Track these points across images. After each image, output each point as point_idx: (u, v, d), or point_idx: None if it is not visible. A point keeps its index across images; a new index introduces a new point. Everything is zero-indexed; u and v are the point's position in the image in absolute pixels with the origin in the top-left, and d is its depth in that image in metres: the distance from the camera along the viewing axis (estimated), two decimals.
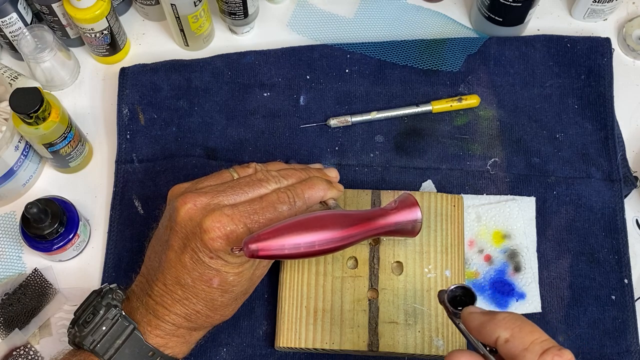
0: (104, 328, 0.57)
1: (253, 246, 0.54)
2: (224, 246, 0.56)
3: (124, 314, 0.58)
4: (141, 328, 0.58)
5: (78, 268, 0.73)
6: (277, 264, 0.68)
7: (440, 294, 0.53)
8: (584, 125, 0.77)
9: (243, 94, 0.78)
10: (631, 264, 0.71)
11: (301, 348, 0.65)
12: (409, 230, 0.62)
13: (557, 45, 0.80)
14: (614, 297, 0.70)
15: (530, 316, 0.69)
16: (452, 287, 0.53)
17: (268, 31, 0.83)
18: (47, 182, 0.77)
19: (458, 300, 0.52)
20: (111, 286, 0.60)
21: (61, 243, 0.69)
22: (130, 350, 0.57)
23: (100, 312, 0.57)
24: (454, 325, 0.65)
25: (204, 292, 0.58)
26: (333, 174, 0.67)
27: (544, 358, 0.44)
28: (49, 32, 0.74)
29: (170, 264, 0.58)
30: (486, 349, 0.48)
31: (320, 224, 0.57)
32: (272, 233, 0.55)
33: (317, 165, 0.69)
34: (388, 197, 0.70)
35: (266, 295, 0.70)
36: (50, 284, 0.71)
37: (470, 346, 0.52)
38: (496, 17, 0.78)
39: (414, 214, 0.62)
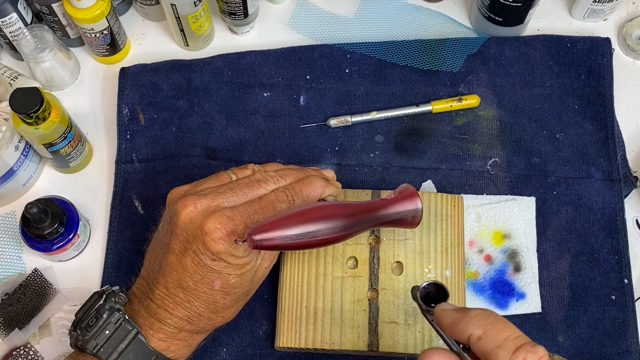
0: (107, 332, 0.57)
1: (257, 237, 0.54)
2: (225, 248, 0.56)
3: (127, 318, 0.58)
4: (143, 332, 0.58)
5: (78, 268, 0.73)
6: (277, 264, 0.68)
7: (413, 290, 0.53)
8: (584, 125, 0.77)
9: (243, 94, 0.78)
10: (631, 264, 0.71)
11: (301, 348, 0.65)
12: (410, 221, 0.63)
13: (557, 45, 0.80)
14: (614, 297, 0.70)
15: (530, 316, 0.69)
16: (425, 283, 0.52)
17: (268, 31, 0.83)
18: (47, 182, 0.77)
19: (431, 297, 0.52)
20: (113, 289, 0.60)
21: (61, 243, 0.69)
22: (133, 355, 0.57)
23: (104, 315, 0.57)
24: None
25: (205, 295, 0.58)
26: (330, 174, 0.67)
27: (517, 355, 0.43)
28: (49, 32, 0.74)
29: (172, 267, 0.58)
30: (460, 346, 0.47)
31: (322, 214, 0.58)
32: (275, 223, 0.55)
33: (314, 168, 0.69)
34: None
35: (266, 295, 0.70)
36: (50, 284, 0.71)
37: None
38: (496, 17, 0.78)
39: (414, 204, 0.62)
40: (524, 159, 0.75)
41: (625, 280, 0.71)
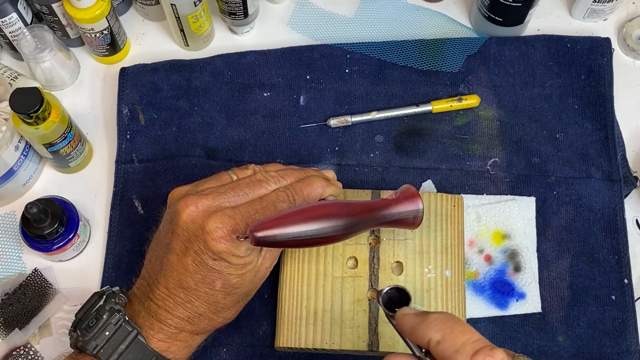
0: (107, 333, 0.57)
1: (259, 234, 0.54)
2: (227, 247, 0.56)
3: (127, 319, 0.58)
4: (144, 332, 0.58)
5: (78, 268, 0.73)
6: (277, 264, 0.68)
7: (377, 295, 0.52)
8: (584, 125, 0.77)
9: (243, 94, 0.78)
10: (631, 264, 0.71)
11: (301, 348, 0.65)
12: (411, 222, 0.63)
13: (557, 45, 0.80)
14: (614, 297, 0.70)
15: (530, 316, 0.69)
16: (387, 288, 0.52)
17: (268, 31, 0.83)
18: (47, 182, 0.77)
19: (394, 301, 0.52)
20: (113, 289, 0.60)
21: (61, 243, 0.69)
22: (133, 356, 0.57)
23: (104, 316, 0.57)
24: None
25: (206, 295, 0.58)
26: (330, 174, 0.67)
27: (475, 359, 0.43)
28: (49, 32, 0.74)
29: (172, 267, 0.58)
30: (422, 351, 0.47)
31: (325, 212, 0.58)
32: (277, 221, 0.55)
33: (314, 169, 0.69)
34: None
35: (266, 296, 0.70)
36: (50, 284, 0.71)
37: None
38: (496, 17, 0.78)
39: (416, 205, 0.62)
40: (524, 159, 0.75)
41: (625, 280, 0.71)
